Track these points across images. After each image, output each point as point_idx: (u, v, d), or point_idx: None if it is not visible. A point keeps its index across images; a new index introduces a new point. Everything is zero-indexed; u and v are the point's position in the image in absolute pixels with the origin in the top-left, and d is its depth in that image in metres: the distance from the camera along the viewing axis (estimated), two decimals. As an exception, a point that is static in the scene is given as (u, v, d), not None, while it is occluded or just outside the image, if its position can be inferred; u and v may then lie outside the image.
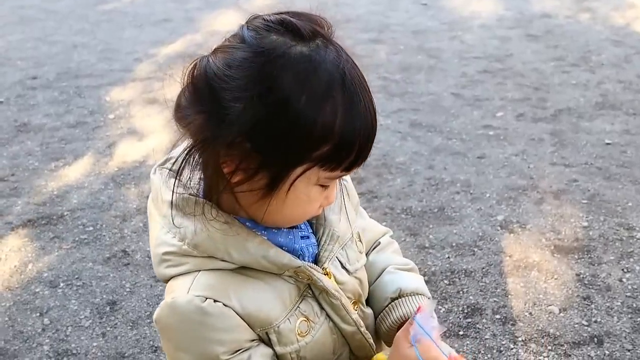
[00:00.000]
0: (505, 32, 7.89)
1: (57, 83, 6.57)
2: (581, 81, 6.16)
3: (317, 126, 0.95)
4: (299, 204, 1.07)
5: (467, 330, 3.04)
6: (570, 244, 3.65)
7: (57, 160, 4.88)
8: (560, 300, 3.22)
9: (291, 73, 0.95)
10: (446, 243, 3.69)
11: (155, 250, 1.13)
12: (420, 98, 5.93)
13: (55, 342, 3.07)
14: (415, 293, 1.34)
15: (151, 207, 1.17)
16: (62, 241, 3.84)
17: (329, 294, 1.17)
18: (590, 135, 5.00)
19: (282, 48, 0.96)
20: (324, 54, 0.98)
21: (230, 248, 1.06)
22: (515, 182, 4.34)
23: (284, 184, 1.01)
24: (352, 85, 0.98)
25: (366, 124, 1.00)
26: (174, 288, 1.09)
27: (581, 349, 2.91)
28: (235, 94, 0.95)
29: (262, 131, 0.96)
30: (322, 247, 1.20)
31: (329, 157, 0.99)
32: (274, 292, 1.11)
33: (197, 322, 1.05)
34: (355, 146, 1.00)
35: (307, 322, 1.16)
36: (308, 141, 0.97)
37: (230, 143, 0.98)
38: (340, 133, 0.97)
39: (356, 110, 0.98)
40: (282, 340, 1.13)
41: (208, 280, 1.07)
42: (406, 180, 4.44)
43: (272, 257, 1.08)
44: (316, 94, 0.95)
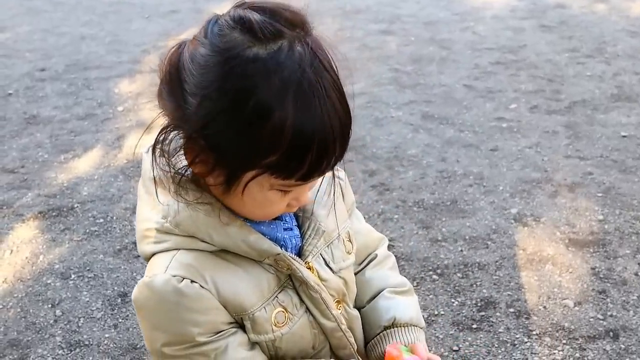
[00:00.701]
0: (519, 22, 7.87)
1: (66, 75, 6.64)
2: (596, 73, 6.14)
3: (264, 134, 0.93)
4: (257, 206, 1.06)
5: (481, 324, 3.05)
6: (586, 237, 3.65)
7: (66, 153, 4.94)
8: (575, 294, 3.22)
9: (241, 76, 0.93)
10: (459, 236, 3.71)
11: (138, 226, 1.15)
12: (432, 90, 5.93)
13: (68, 333, 3.12)
14: (409, 324, 1.34)
15: (140, 186, 1.18)
16: (72, 233, 3.90)
17: (309, 287, 1.16)
18: (605, 127, 5.00)
19: (237, 49, 0.94)
20: (284, 57, 0.93)
21: (210, 229, 1.07)
22: (529, 174, 4.35)
23: (237, 185, 1.01)
24: (309, 94, 0.94)
25: (321, 136, 0.95)
26: (153, 266, 1.10)
27: (596, 342, 2.92)
28: (193, 89, 0.96)
29: (214, 130, 0.96)
30: (305, 241, 1.19)
31: (278, 166, 0.97)
32: (252, 279, 1.12)
33: (173, 302, 1.06)
34: (307, 157, 0.96)
35: (284, 313, 1.15)
36: (255, 148, 0.95)
37: (189, 137, 1.00)
38: (288, 143, 0.94)
39: (310, 120, 0.94)
40: (255, 329, 1.13)
41: (186, 260, 1.08)
42: (418, 172, 4.45)
43: (252, 242, 1.08)
44: (264, 100, 0.92)
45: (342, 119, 0.98)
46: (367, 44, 7.36)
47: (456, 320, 3.09)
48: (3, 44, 7.89)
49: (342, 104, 0.99)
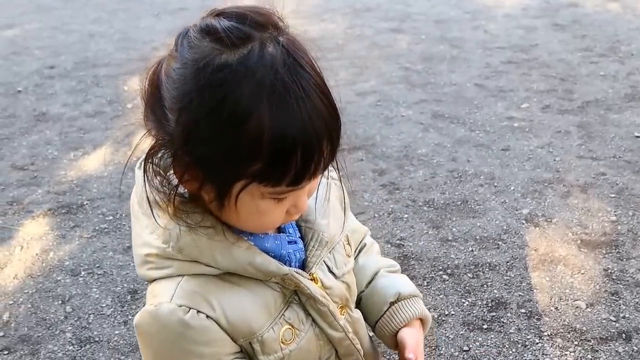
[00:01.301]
0: (531, 21, 7.88)
1: (75, 72, 6.75)
2: (610, 72, 6.14)
3: (243, 142, 0.91)
4: (253, 216, 1.04)
5: (492, 324, 3.07)
6: (598, 238, 3.66)
7: (76, 150, 5.03)
8: (587, 295, 3.23)
9: (213, 86, 0.91)
10: (470, 236, 3.72)
11: (138, 250, 1.12)
12: (442, 89, 5.95)
13: (78, 329, 3.18)
14: (412, 296, 1.39)
15: (134, 203, 1.16)
16: (82, 230, 3.96)
17: (317, 301, 1.15)
18: (619, 127, 5.00)
19: (206, 58, 0.92)
20: (254, 60, 0.91)
21: (215, 253, 1.05)
22: (541, 175, 4.36)
23: (229, 198, 0.99)
24: (285, 95, 0.91)
25: (305, 137, 0.93)
26: (157, 292, 1.08)
27: (609, 344, 2.93)
28: (171, 105, 0.95)
29: (195, 144, 0.94)
30: (309, 253, 1.18)
31: (263, 174, 0.94)
32: (259, 300, 1.10)
33: (177, 333, 1.04)
34: (291, 161, 0.93)
35: (291, 329, 1.14)
36: (237, 158, 0.93)
37: (174, 154, 0.98)
38: (269, 149, 0.92)
39: (289, 123, 0.91)
40: (264, 350, 1.12)
41: (192, 287, 1.05)
42: (428, 172, 4.47)
43: (258, 265, 1.06)
44: (239, 107, 0.90)
45: (326, 118, 0.95)
46: (377, 43, 7.38)
47: (467, 320, 3.10)
48: (12, 41, 8.02)
49: (324, 103, 0.95)
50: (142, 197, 1.11)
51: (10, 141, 5.23)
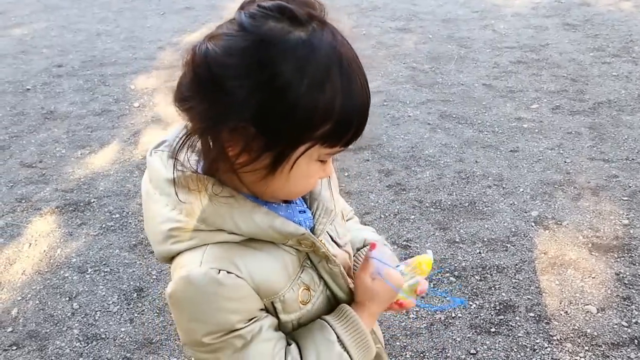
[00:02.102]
0: (541, 20, 7.87)
1: (82, 71, 6.92)
2: (623, 73, 6.13)
3: (318, 107, 1.03)
4: (300, 180, 1.16)
5: (499, 328, 3.05)
6: (610, 242, 3.65)
7: (83, 148, 5.15)
8: (598, 299, 3.22)
9: (291, 59, 1.01)
10: (477, 238, 3.71)
11: (158, 227, 1.20)
12: (450, 89, 5.94)
13: (85, 326, 3.25)
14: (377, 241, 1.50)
15: (148, 187, 1.24)
16: (89, 228, 4.05)
17: (329, 261, 1.28)
18: (631, 129, 4.99)
19: (281, 35, 1.02)
20: (321, 37, 1.04)
21: (237, 220, 1.15)
22: (551, 177, 4.35)
23: (287, 163, 1.10)
24: (349, 66, 1.06)
25: (363, 102, 1.09)
26: (184, 263, 1.16)
27: (620, 350, 2.91)
28: (238, 81, 1.02)
29: (267, 116, 1.04)
30: (317, 221, 1.30)
31: (329, 135, 1.07)
32: (278, 263, 1.21)
33: (212, 293, 1.13)
34: (353, 123, 1.08)
35: (307, 291, 1.26)
36: (310, 122, 1.05)
37: (234, 128, 1.06)
38: (339, 112, 1.05)
39: (354, 90, 1.06)
40: (286, 309, 1.23)
41: (218, 253, 1.15)
42: (435, 173, 4.46)
43: (278, 227, 1.16)
44: (316, 78, 1.02)
45: (368, 85, 1.10)
46: (384, 42, 7.38)
47: (474, 323, 3.09)
48: (21, 40, 8.21)
49: (364, 74, 1.10)
50: (158, 179, 1.20)
51: (19, 139, 5.36)
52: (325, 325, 1.27)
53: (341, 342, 1.26)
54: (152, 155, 1.25)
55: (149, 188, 1.23)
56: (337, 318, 1.29)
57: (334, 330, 1.26)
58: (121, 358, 3.04)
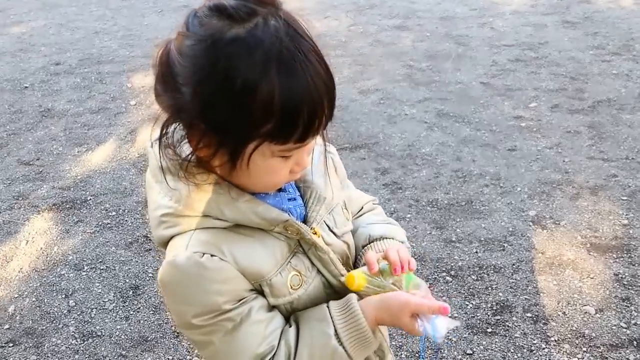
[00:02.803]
0: (540, 18, 7.88)
1: (80, 69, 7.00)
2: (623, 71, 6.13)
3: (256, 105, 1.05)
4: (263, 175, 1.19)
5: (496, 328, 3.05)
6: (609, 242, 3.65)
7: (80, 146, 5.21)
8: (596, 300, 3.22)
9: (226, 57, 1.05)
10: (474, 237, 3.71)
11: (153, 213, 1.27)
12: (447, 87, 5.94)
13: (81, 323, 3.29)
14: (382, 237, 1.49)
15: (149, 177, 1.30)
16: (86, 225, 4.10)
17: (318, 248, 1.30)
18: (632, 128, 4.99)
19: (218, 33, 1.06)
20: (261, 32, 1.05)
21: (222, 206, 1.20)
22: (549, 176, 4.34)
23: (242, 160, 1.13)
24: (291, 60, 1.06)
25: (310, 97, 1.08)
26: (173, 247, 1.23)
27: (619, 351, 2.91)
28: (185, 80, 1.09)
29: (211, 112, 1.08)
30: (309, 208, 1.33)
31: (274, 132, 1.09)
32: (266, 248, 1.25)
33: (196, 275, 1.19)
34: (299, 119, 1.08)
35: (299, 276, 1.29)
36: (251, 120, 1.07)
37: (190, 124, 1.13)
38: (280, 109, 1.06)
39: (296, 85, 1.06)
40: (274, 293, 1.26)
41: (204, 237, 1.21)
42: (432, 171, 4.46)
43: (261, 212, 1.21)
44: (252, 74, 1.04)
45: (325, 80, 1.10)
46: (381, 40, 7.39)
47: (470, 323, 3.09)
48: (19, 38, 8.31)
49: (322, 67, 1.10)
50: (155, 167, 1.26)
51: (16, 136, 5.42)
52: (326, 315, 1.28)
53: (338, 336, 1.26)
54: (153, 145, 1.28)
55: (149, 178, 1.29)
56: (340, 310, 1.29)
57: (334, 322, 1.27)
58: (117, 356, 3.06)
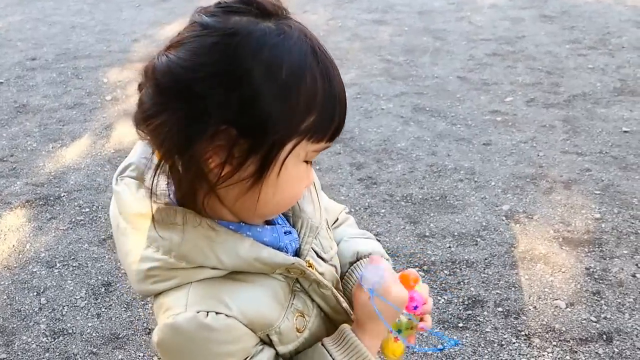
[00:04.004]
0: (518, 12, 7.91)
1: (56, 64, 6.94)
2: (598, 65, 6.17)
3: (300, 97, 0.99)
4: (289, 186, 1.08)
5: (467, 323, 3.07)
6: (581, 236, 3.67)
7: (54, 142, 5.16)
8: (567, 294, 3.24)
9: (266, 49, 0.97)
10: (447, 232, 3.72)
11: (136, 267, 1.10)
12: (424, 81, 5.95)
13: (52, 321, 3.26)
14: (372, 254, 1.41)
15: (119, 220, 1.15)
16: (59, 222, 4.06)
17: (321, 285, 1.21)
18: (606, 122, 5.02)
19: (250, 26, 0.98)
20: (290, 27, 1.01)
21: (220, 254, 1.07)
22: (523, 170, 4.37)
23: (274, 167, 1.02)
24: (324, 55, 1.03)
25: (341, 88, 1.05)
26: (168, 305, 1.08)
27: (588, 345, 2.93)
28: (210, 82, 0.96)
29: (247, 113, 0.97)
30: (302, 240, 1.23)
31: (315, 127, 1.02)
32: (268, 293, 1.14)
33: (203, 339, 1.06)
34: (337, 113, 1.04)
35: (302, 317, 1.19)
36: (294, 114, 0.99)
37: (214, 134, 0.97)
38: (322, 101, 1.01)
39: (332, 77, 1.03)
40: (283, 340, 1.16)
41: (202, 292, 1.08)
42: (407, 166, 4.47)
43: (265, 258, 1.10)
44: (295, 66, 0.98)
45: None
46: (359, 34, 7.39)
47: (442, 318, 3.10)
48: None
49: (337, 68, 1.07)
50: (128, 212, 1.12)
51: None
52: (323, 352, 1.19)
53: None
54: (119, 183, 1.16)
55: (120, 221, 1.14)
56: (335, 342, 1.21)
57: (332, 357, 1.19)
58: (87, 353, 3.04)
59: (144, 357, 3.00)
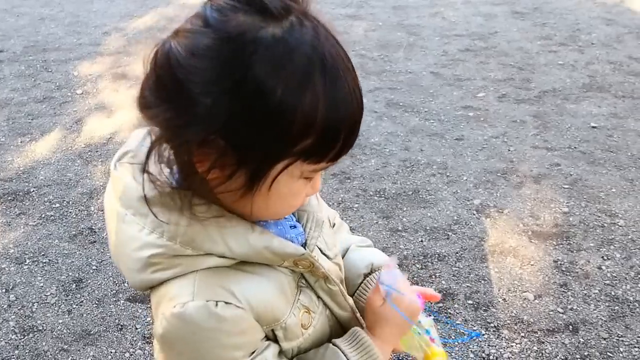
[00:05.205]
0: (490, 8, 8.00)
1: (24, 57, 6.84)
2: (568, 61, 6.27)
3: (297, 118, 0.90)
4: (283, 200, 1.03)
5: (438, 315, 3.13)
6: (549, 229, 3.75)
7: (23, 136, 5.10)
8: (535, 286, 3.31)
9: (264, 60, 0.88)
10: (420, 227, 3.78)
11: (135, 254, 1.04)
12: (398, 77, 6.01)
13: (21, 318, 3.23)
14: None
15: (116, 206, 1.07)
16: (28, 218, 4.02)
17: (328, 280, 1.18)
18: (575, 118, 5.11)
19: (251, 32, 0.88)
20: (300, 34, 0.90)
21: (229, 241, 1.02)
22: (494, 165, 4.44)
23: (264, 182, 0.96)
24: (334, 68, 0.92)
25: (352, 110, 0.95)
26: (173, 294, 1.03)
27: (555, 336, 3.01)
28: (203, 87, 0.89)
29: (237, 126, 0.90)
30: (308, 235, 1.18)
31: (311, 150, 0.93)
32: (276, 286, 1.10)
33: (213, 329, 1.02)
34: (340, 136, 0.94)
35: (308, 313, 1.16)
36: (288, 135, 0.91)
37: (203, 141, 0.92)
38: (323, 124, 0.91)
39: (340, 97, 0.92)
40: (288, 336, 1.13)
41: (210, 281, 1.03)
42: (380, 161, 4.52)
43: (275, 247, 1.05)
44: (294, 83, 0.89)
45: (360, 90, 0.97)
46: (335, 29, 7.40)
47: (412, 311, 3.16)
48: None
49: (355, 77, 0.97)
50: (130, 196, 1.05)
51: None
52: (337, 351, 1.17)
53: None
54: (118, 168, 1.09)
55: (118, 208, 1.06)
56: (349, 343, 1.19)
57: (346, 356, 1.16)
58: (58, 350, 3.03)
59: (116, 353, 3.01)
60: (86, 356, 2.99)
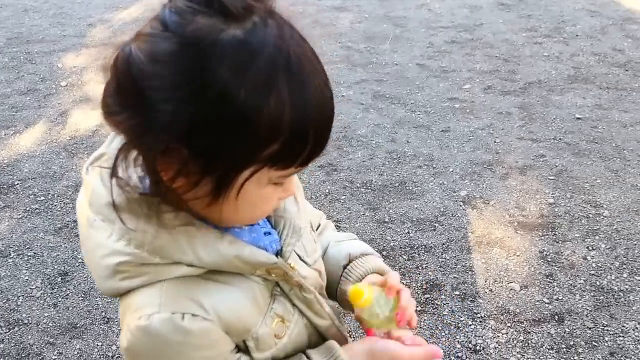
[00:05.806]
0: (476, 0, 8.00)
1: (8, 48, 6.78)
2: (553, 53, 6.29)
3: (262, 123, 0.86)
4: (253, 206, 1.00)
5: (425, 306, 3.14)
6: (535, 220, 3.77)
7: (7, 129, 5.06)
8: (521, 277, 3.33)
9: (225, 64, 0.84)
10: (406, 218, 3.79)
11: (103, 261, 1.01)
12: (384, 69, 6.01)
13: (6, 312, 3.22)
14: (364, 254, 1.37)
15: (86, 211, 1.04)
16: (12, 211, 4.00)
17: (303, 289, 1.14)
18: (560, 109, 5.13)
19: (211, 35, 0.85)
20: (262, 34, 0.87)
21: (199, 250, 0.99)
22: (480, 156, 4.45)
23: (231, 190, 0.93)
24: (300, 68, 0.89)
25: (321, 112, 0.92)
26: (139, 305, 1.00)
27: (541, 326, 3.03)
28: (163, 94, 0.86)
29: (200, 134, 0.87)
30: (284, 242, 1.14)
31: (279, 155, 0.91)
32: (247, 296, 1.07)
33: (179, 343, 0.99)
34: (308, 139, 0.91)
35: (282, 322, 1.13)
36: (253, 141, 0.88)
37: (166, 149, 0.88)
38: (290, 128, 0.88)
39: (307, 98, 0.89)
40: (260, 346, 1.10)
41: (177, 291, 1.00)
42: (367, 153, 4.53)
43: (246, 257, 1.02)
44: (257, 86, 0.85)
45: (330, 90, 0.94)
46: (320, 21, 7.40)
47: (400, 302, 3.17)
48: None
49: (325, 73, 0.94)
50: (99, 202, 1.01)
51: None
52: None
53: None
54: (89, 172, 1.05)
55: (88, 213, 1.03)
56: (324, 357, 1.16)
57: None
58: (44, 343, 3.02)
59: (102, 346, 3.01)
60: (72, 349, 2.99)
